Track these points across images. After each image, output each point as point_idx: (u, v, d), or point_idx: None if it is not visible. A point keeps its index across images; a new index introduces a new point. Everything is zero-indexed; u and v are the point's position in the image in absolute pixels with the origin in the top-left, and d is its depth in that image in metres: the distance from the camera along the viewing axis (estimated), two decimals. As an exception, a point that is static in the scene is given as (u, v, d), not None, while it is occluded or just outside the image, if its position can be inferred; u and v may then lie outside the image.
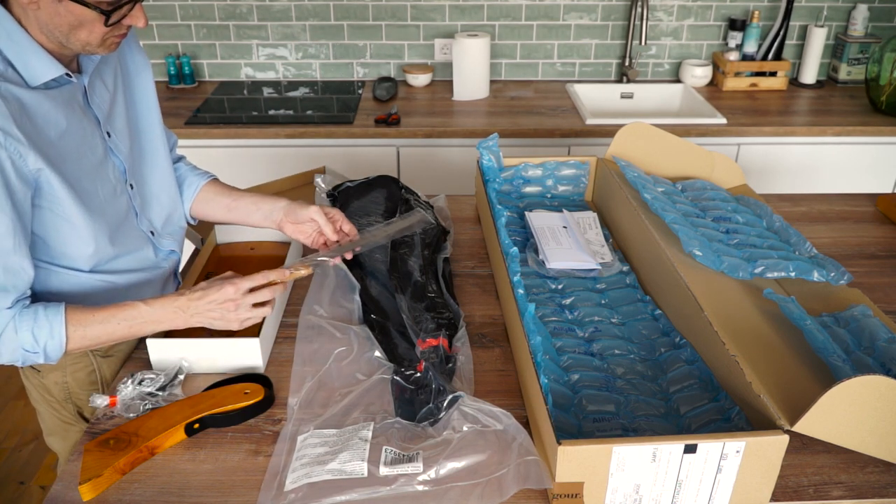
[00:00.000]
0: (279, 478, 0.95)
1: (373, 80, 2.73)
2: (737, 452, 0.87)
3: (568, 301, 1.30)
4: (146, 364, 1.16)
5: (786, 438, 0.87)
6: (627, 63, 2.72)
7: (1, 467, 2.23)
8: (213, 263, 1.41)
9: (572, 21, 2.68)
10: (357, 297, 1.29)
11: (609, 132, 2.28)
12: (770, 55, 2.65)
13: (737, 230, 1.42)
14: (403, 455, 0.96)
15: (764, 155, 2.37)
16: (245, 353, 1.13)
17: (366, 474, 0.94)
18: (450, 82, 2.66)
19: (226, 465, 0.98)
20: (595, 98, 2.70)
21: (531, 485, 0.91)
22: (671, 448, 0.86)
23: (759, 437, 0.87)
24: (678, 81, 2.76)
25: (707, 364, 1.10)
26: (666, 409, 1.05)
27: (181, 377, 1.11)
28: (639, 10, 2.57)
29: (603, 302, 1.31)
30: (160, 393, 1.07)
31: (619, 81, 2.76)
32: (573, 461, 0.86)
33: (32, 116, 0.99)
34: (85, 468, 0.93)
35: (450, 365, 1.12)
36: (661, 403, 1.06)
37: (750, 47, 2.65)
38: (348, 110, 2.41)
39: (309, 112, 2.41)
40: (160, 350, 1.13)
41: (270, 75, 2.75)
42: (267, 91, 2.62)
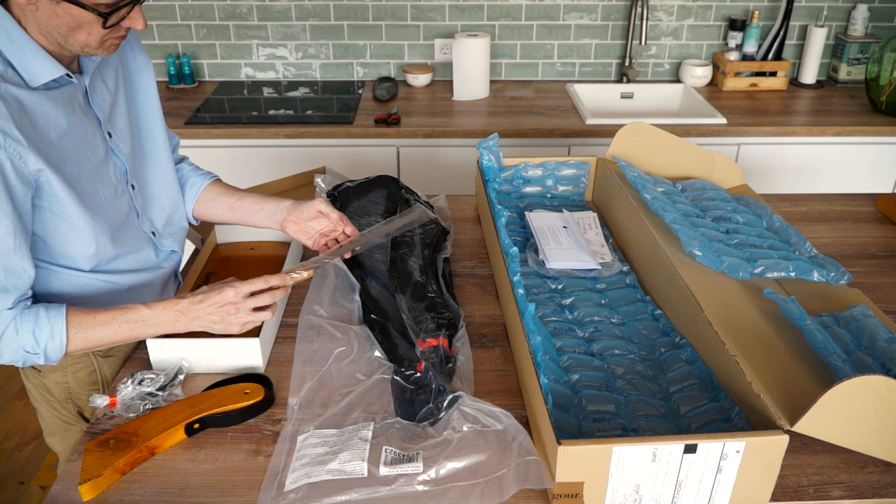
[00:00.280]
0: (279, 478, 0.95)
1: (373, 80, 2.73)
2: (737, 452, 0.87)
3: (568, 301, 1.30)
4: (146, 364, 1.16)
5: (786, 438, 0.87)
6: (627, 63, 2.72)
7: (1, 467, 2.23)
8: (214, 263, 1.41)
9: (572, 21, 2.68)
10: (357, 297, 1.29)
11: (609, 132, 2.28)
12: (770, 55, 2.65)
13: (737, 230, 1.42)
14: (403, 455, 0.96)
15: (764, 155, 2.37)
16: (245, 354, 1.13)
17: (366, 474, 0.94)
18: (450, 82, 2.66)
19: (226, 465, 0.98)
20: (595, 98, 2.70)
21: (531, 485, 0.91)
22: (671, 448, 0.86)
23: (759, 437, 0.87)
24: (678, 81, 2.76)
25: (707, 364, 1.10)
26: (666, 409, 1.05)
27: (181, 377, 1.11)
28: (639, 10, 2.57)
29: (603, 302, 1.31)
30: (160, 393, 1.07)
31: (619, 81, 2.76)
32: (573, 461, 0.86)
33: (32, 117, 0.99)
34: (85, 468, 0.93)
35: (450, 365, 1.12)
36: (661, 403, 1.06)
37: (750, 47, 2.65)
38: (348, 110, 2.41)
39: (309, 112, 2.41)
40: (160, 350, 1.13)
41: (270, 75, 2.75)
42: (267, 91, 2.62)
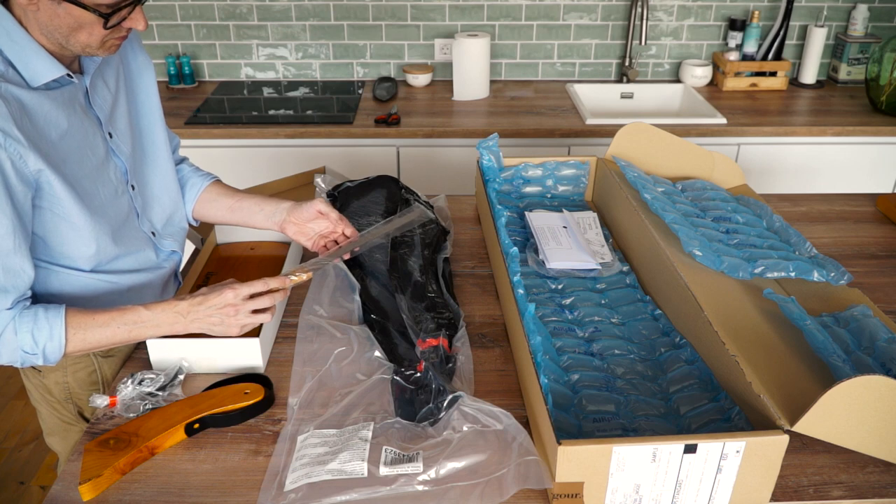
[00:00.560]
0: (279, 478, 0.95)
1: (373, 80, 2.73)
2: (737, 452, 0.87)
3: (568, 301, 1.30)
4: (146, 364, 1.16)
5: (786, 438, 0.87)
6: (627, 63, 2.72)
7: (1, 467, 2.23)
8: (214, 263, 1.41)
9: (572, 21, 2.68)
10: (357, 297, 1.29)
11: (609, 132, 2.28)
12: (770, 55, 2.65)
13: (737, 230, 1.42)
14: (403, 455, 0.96)
15: (764, 155, 2.37)
16: (245, 354, 1.13)
17: (366, 474, 0.94)
18: (450, 82, 2.66)
19: (226, 465, 0.98)
20: (595, 98, 2.70)
21: (531, 485, 0.91)
22: (671, 448, 0.86)
23: (759, 437, 0.87)
24: (678, 81, 2.76)
25: (707, 364, 1.10)
26: (666, 409, 1.05)
27: (181, 377, 1.11)
28: (639, 10, 2.57)
29: (603, 302, 1.31)
30: (160, 393, 1.07)
31: (619, 81, 2.76)
32: (573, 461, 0.86)
33: (33, 117, 0.99)
34: (85, 468, 0.93)
35: (450, 365, 1.12)
36: (661, 403, 1.06)
37: (750, 47, 2.65)
38: (348, 110, 2.41)
39: (309, 112, 2.41)
40: (160, 350, 1.13)
41: (270, 75, 2.75)
42: (267, 91, 2.62)
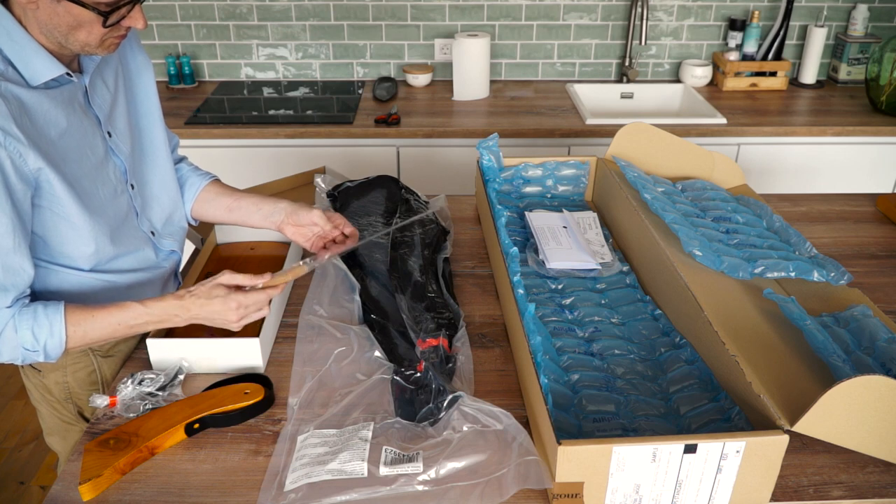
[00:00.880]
0: (279, 478, 0.95)
1: (373, 80, 2.73)
2: (737, 452, 0.87)
3: (568, 301, 1.30)
4: (146, 364, 1.16)
5: (786, 438, 0.87)
6: (627, 63, 2.72)
7: (1, 467, 2.23)
8: (213, 263, 1.41)
9: (572, 21, 2.68)
10: (357, 297, 1.29)
11: (609, 132, 2.28)
12: (770, 55, 2.65)
13: (737, 230, 1.42)
14: (403, 455, 0.96)
15: (764, 155, 2.37)
16: (245, 353, 1.13)
17: (366, 474, 0.94)
18: (450, 82, 2.66)
19: (226, 465, 0.98)
20: (595, 98, 2.70)
21: (531, 485, 0.91)
22: (671, 448, 0.86)
23: (759, 437, 0.87)
24: (678, 81, 2.76)
25: (707, 364, 1.10)
26: (666, 409, 1.05)
27: (181, 377, 1.11)
28: (639, 10, 2.57)
29: (603, 302, 1.31)
30: (160, 393, 1.07)
31: (619, 81, 2.76)
32: (573, 461, 0.86)
33: (33, 116, 0.99)
34: (85, 468, 0.93)
35: (450, 365, 1.12)
36: (661, 403, 1.06)
37: (750, 47, 2.65)
38: (348, 110, 2.41)
39: (309, 112, 2.41)
40: (160, 350, 1.13)
41: (270, 75, 2.75)
42: (267, 91, 2.62)
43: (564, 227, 1.49)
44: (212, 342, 1.12)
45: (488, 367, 1.17)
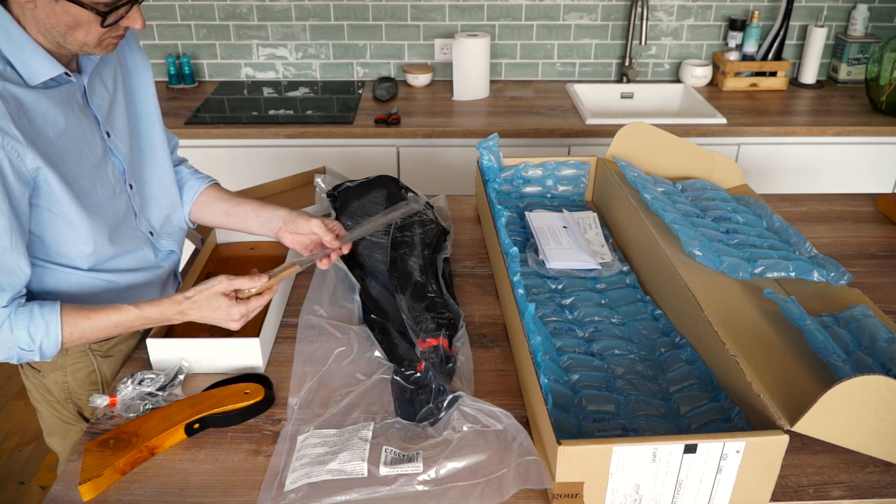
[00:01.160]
0: (279, 478, 0.95)
1: (373, 80, 2.73)
2: (737, 452, 0.87)
3: (568, 301, 1.30)
4: (146, 364, 1.16)
5: (786, 438, 0.87)
6: (627, 63, 2.72)
7: (1, 467, 2.23)
8: (213, 263, 1.41)
9: (572, 21, 2.68)
10: (357, 297, 1.29)
11: (609, 132, 2.28)
12: (770, 55, 2.65)
13: (737, 230, 1.42)
14: (403, 455, 0.96)
15: (764, 155, 2.37)
16: (245, 353, 1.13)
17: (366, 474, 0.94)
18: (450, 82, 2.66)
19: (226, 465, 0.98)
20: (595, 98, 2.70)
21: (531, 485, 0.91)
22: (671, 448, 0.86)
23: (759, 437, 0.87)
24: (678, 81, 2.76)
25: (707, 364, 1.10)
26: (666, 409, 1.05)
27: (181, 377, 1.11)
28: (639, 10, 2.57)
29: (603, 302, 1.31)
30: (160, 393, 1.07)
31: (619, 81, 2.76)
32: (573, 461, 0.86)
33: (31, 116, 0.99)
34: (85, 468, 0.93)
35: (450, 365, 1.12)
36: (661, 403, 1.06)
37: (750, 47, 2.65)
38: (348, 110, 2.41)
39: (309, 112, 2.41)
40: (160, 350, 1.13)
41: (270, 75, 2.75)
42: (267, 91, 2.62)
43: (564, 227, 1.49)
44: (212, 342, 1.12)
45: (488, 367, 1.17)
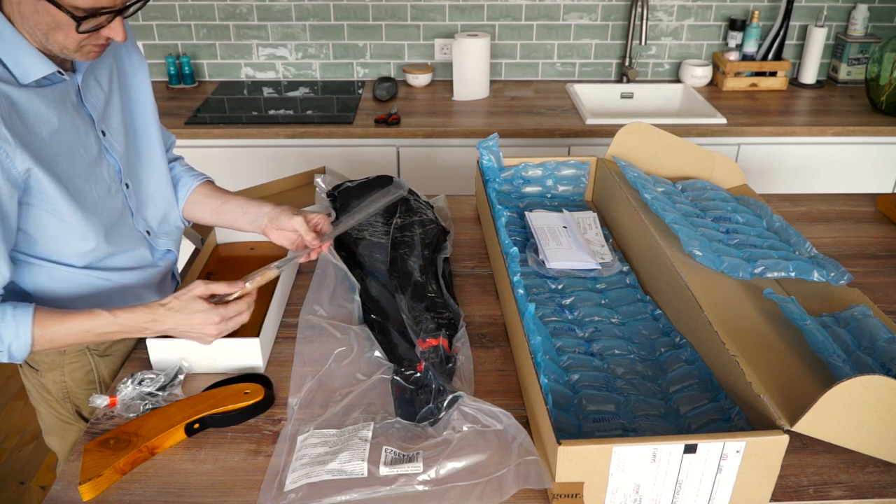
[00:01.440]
0: (279, 478, 0.95)
1: (373, 80, 2.73)
2: (737, 452, 0.87)
3: (568, 301, 1.30)
4: (146, 364, 1.16)
5: (786, 438, 0.87)
6: (627, 63, 2.72)
7: (1, 467, 2.23)
8: (213, 263, 1.41)
9: (572, 21, 2.68)
10: (357, 297, 1.29)
11: (609, 132, 2.28)
12: (770, 55, 2.65)
13: (737, 230, 1.42)
14: (403, 455, 0.96)
15: (764, 155, 2.37)
16: (245, 353, 1.13)
17: (366, 474, 0.94)
18: (450, 82, 2.66)
19: (226, 465, 0.98)
20: (595, 98, 2.70)
21: (531, 485, 0.91)
22: (671, 448, 0.86)
23: (759, 437, 0.87)
24: (678, 81, 2.76)
25: (707, 364, 1.10)
26: (666, 409, 1.05)
27: (181, 377, 1.11)
28: (639, 10, 2.57)
29: (603, 302, 1.31)
30: (160, 393, 1.07)
31: (619, 81, 2.76)
32: (573, 461, 0.86)
33: (23, 115, 0.99)
34: (85, 468, 0.93)
35: (450, 365, 1.12)
36: (661, 403, 1.06)
37: (750, 47, 2.65)
38: (348, 110, 2.41)
39: (309, 112, 2.41)
40: (160, 350, 1.13)
41: (270, 75, 2.75)
42: (267, 91, 2.62)
43: (564, 227, 1.49)
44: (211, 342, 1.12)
45: (488, 367, 1.17)
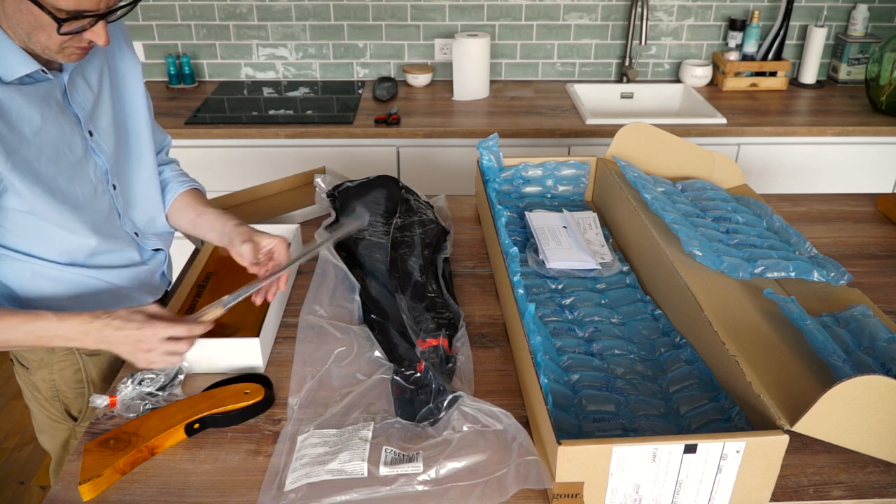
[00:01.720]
0: (279, 478, 0.95)
1: (373, 80, 2.73)
2: (737, 452, 0.87)
3: (568, 301, 1.30)
4: (146, 364, 1.16)
5: (786, 438, 0.87)
6: (627, 63, 2.72)
7: (1, 467, 2.23)
8: (214, 263, 1.41)
9: (572, 21, 2.68)
10: (357, 297, 1.29)
11: (609, 132, 2.28)
12: (770, 55, 2.65)
13: (737, 230, 1.42)
14: (403, 455, 0.96)
15: (764, 155, 2.37)
16: (245, 353, 1.13)
17: (366, 474, 0.94)
18: (450, 82, 2.66)
19: (226, 465, 0.98)
20: (595, 98, 2.70)
21: (531, 485, 0.91)
22: (671, 448, 0.86)
23: (759, 437, 0.87)
24: (678, 81, 2.76)
25: (707, 364, 1.10)
26: (666, 409, 1.05)
27: (181, 377, 1.11)
28: (639, 10, 2.57)
29: (603, 302, 1.31)
30: (160, 393, 1.07)
31: (619, 81, 2.76)
32: (573, 461, 0.86)
33: (5, 112, 0.99)
34: (85, 468, 0.93)
35: (450, 365, 1.12)
36: (661, 403, 1.06)
37: (750, 47, 2.65)
38: (348, 110, 2.41)
39: (309, 112, 2.41)
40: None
41: (270, 75, 2.75)
42: (267, 91, 2.62)
43: (564, 227, 1.49)
44: (212, 342, 1.12)
45: (488, 367, 1.17)
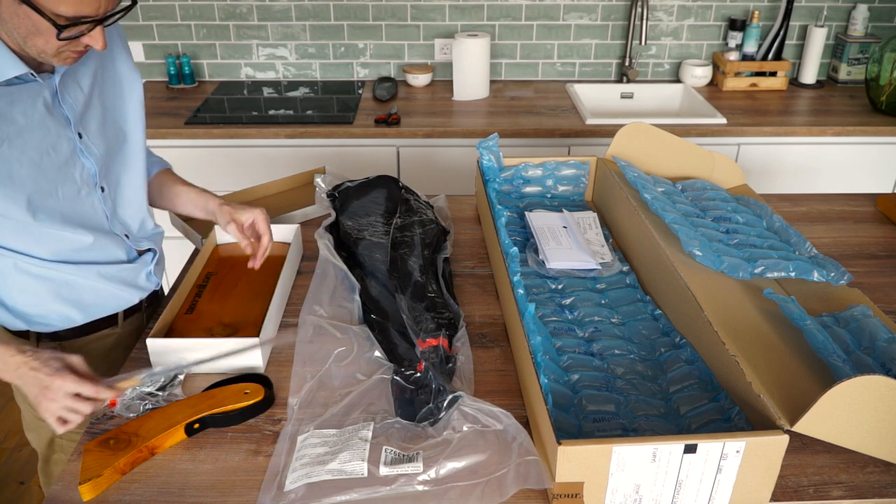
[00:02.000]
0: (279, 478, 0.95)
1: (373, 80, 2.73)
2: (737, 452, 0.87)
3: (568, 301, 1.30)
4: (146, 364, 1.16)
5: (786, 438, 0.87)
6: (627, 63, 2.72)
7: (1, 467, 2.23)
8: (214, 263, 1.41)
9: (572, 21, 2.68)
10: (357, 297, 1.29)
11: (609, 132, 2.28)
12: (770, 55, 2.65)
13: (737, 230, 1.42)
14: (403, 455, 0.96)
15: (764, 155, 2.37)
16: (245, 353, 1.13)
17: (366, 474, 0.94)
18: (450, 82, 2.66)
19: (226, 465, 0.98)
20: (595, 98, 2.70)
21: (531, 485, 0.91)
22: (671, 448, 0.86)
23: (759, 437, 0.87)
24: (678, 81, 2.76)
25: (707, 364, 1.10)
26: (666, 409, 1.05)
27: (181, 377, 1.11)
28: (639, 10, 2.57)
29: (603, 302, 1.31)
30: (160, 393, 1.07)
31: (619, 81, 2.76)
32: (573, 461, 0.86)
33: None
34: (85, 468, 0.93)
35: (450, 365, 1.12)
36: (661, 403, 1.06)
37: (750, 47, 2.65)
38: (348, 110, 2.41)
39: (309, 112, 2.41)
40: (160, 350, 1.13)
41: (270, 75, 2.75)
42: (267, 91, 2.62)
43: (564, 227, 1.49)
44: (212, 342, 1.12)
45: (488, 367, 1.17)
